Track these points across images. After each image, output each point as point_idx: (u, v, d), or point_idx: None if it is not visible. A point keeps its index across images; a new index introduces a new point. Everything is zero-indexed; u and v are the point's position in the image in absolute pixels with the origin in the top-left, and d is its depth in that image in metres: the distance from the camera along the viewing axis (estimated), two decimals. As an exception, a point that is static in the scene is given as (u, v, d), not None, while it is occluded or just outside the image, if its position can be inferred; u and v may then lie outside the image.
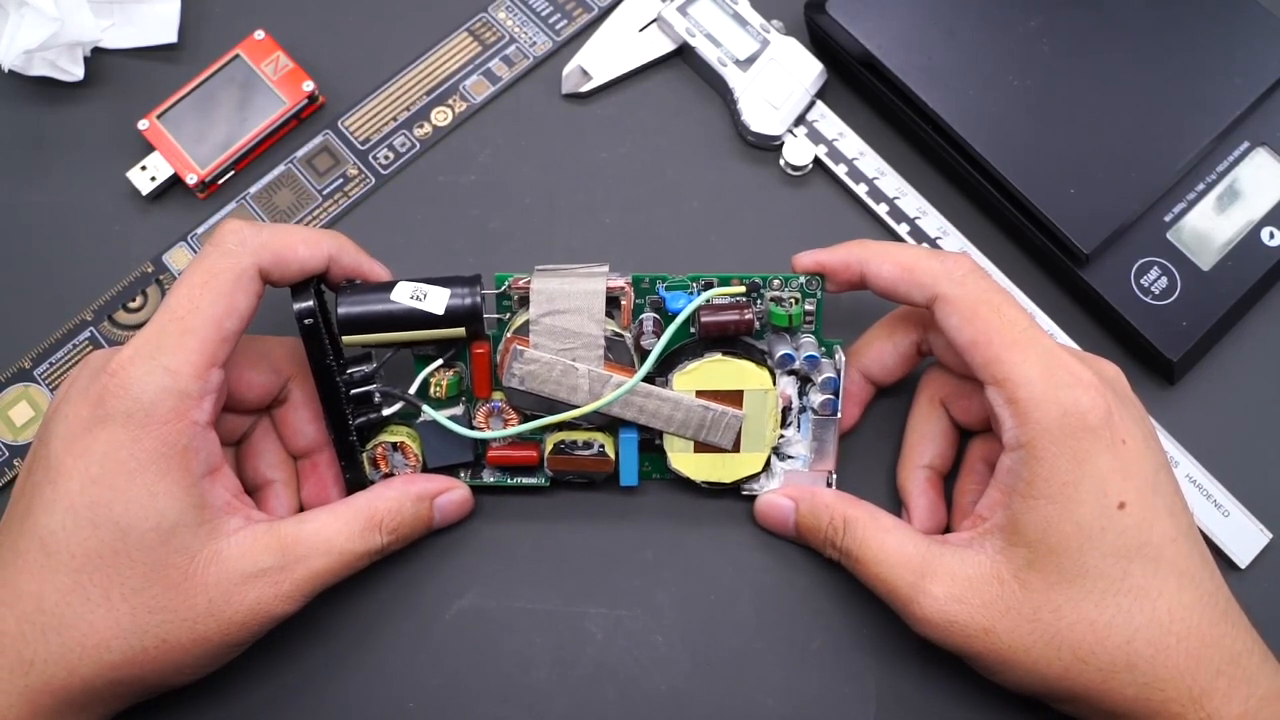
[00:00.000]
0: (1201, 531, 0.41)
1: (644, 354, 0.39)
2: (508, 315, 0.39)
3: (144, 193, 0.45)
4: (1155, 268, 0.43)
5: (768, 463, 0.40)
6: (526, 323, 0.38)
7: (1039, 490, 0.34)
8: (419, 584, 0.41)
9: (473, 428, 0.40)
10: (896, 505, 0.41)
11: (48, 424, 0.36)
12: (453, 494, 0.40)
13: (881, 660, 0.40)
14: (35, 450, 0.36)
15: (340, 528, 0.37)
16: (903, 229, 0.45)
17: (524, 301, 0.39)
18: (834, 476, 0.41)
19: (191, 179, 0.45)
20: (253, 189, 0.46)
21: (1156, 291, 0.42)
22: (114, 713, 0.36)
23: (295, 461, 0.41)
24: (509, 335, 0.39)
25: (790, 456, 0.41)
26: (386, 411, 0.39)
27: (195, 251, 0.45)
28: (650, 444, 0.40)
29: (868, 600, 0.38)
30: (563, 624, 0.41)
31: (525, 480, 0.41)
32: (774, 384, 0.39)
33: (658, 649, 0.40)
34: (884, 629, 0.40)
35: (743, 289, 0.39)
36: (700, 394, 0.39)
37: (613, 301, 0.39)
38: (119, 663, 0.34)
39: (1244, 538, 0.41)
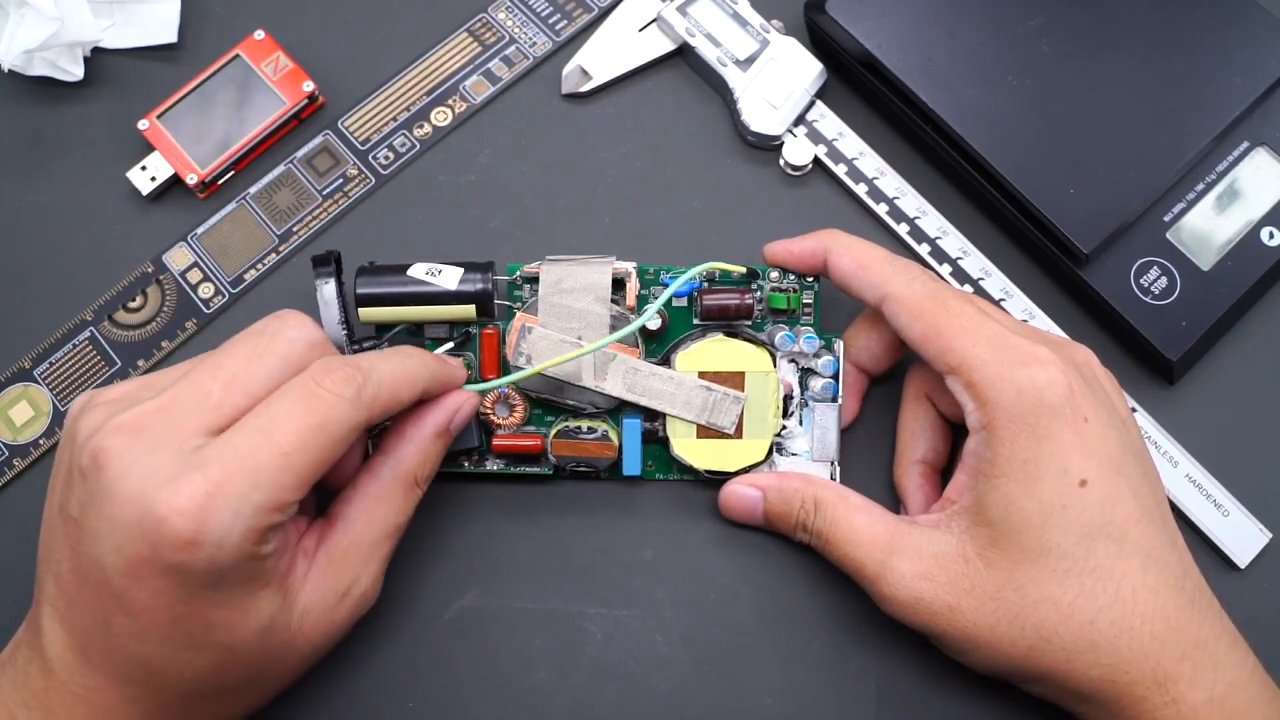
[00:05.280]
0: (1201, 531, 0.41)
1: (648, 334, 0.41)
2: (519, 305, 0.41)
3: (144, 193, 0.45)
4: (1155, 267, 0.43)
5: (769, 453, 0.40)
6: (536, 303, 0.40)
7: (1000, 469, 0.35)
8: (419, 583, 0.41)
9: (479, 412, 0.40)
10: (896, 502, 0.41)
11: (89, 534, 0.31)
12: (461, 414, 0.38)
13: (881, 660, 0.40)
14: (77, 562, 0.32)
15: (386, 511, 0.36)
16: (902, 229, 0.45)
17: (535, 287, 0.40)
18: (837, 469, 0.41)
19: (191, 179, 0.45)
20: (253, 189, 0.46)
21: (1156, 291, 0.42)
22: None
23: None
24: (519, 314, 0.40)
25: (794, 454, 0.41)
26: None
27: (196, 251, 0.45)
28: (654, 435, 0.40)
29: (867, 600, 0.38)
30: (563, 624, 0.41)
31: (529, 469, 0.41)
32: (774, 366, 0.40)
33: (658, 649, 0.41)
34: (884, 629, 0.40)
35: (743, 269, 0.41)
36: (702, 375, 0.40)
37: (619, 286, 0.41)
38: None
39: (1243, 537, 0.41)
